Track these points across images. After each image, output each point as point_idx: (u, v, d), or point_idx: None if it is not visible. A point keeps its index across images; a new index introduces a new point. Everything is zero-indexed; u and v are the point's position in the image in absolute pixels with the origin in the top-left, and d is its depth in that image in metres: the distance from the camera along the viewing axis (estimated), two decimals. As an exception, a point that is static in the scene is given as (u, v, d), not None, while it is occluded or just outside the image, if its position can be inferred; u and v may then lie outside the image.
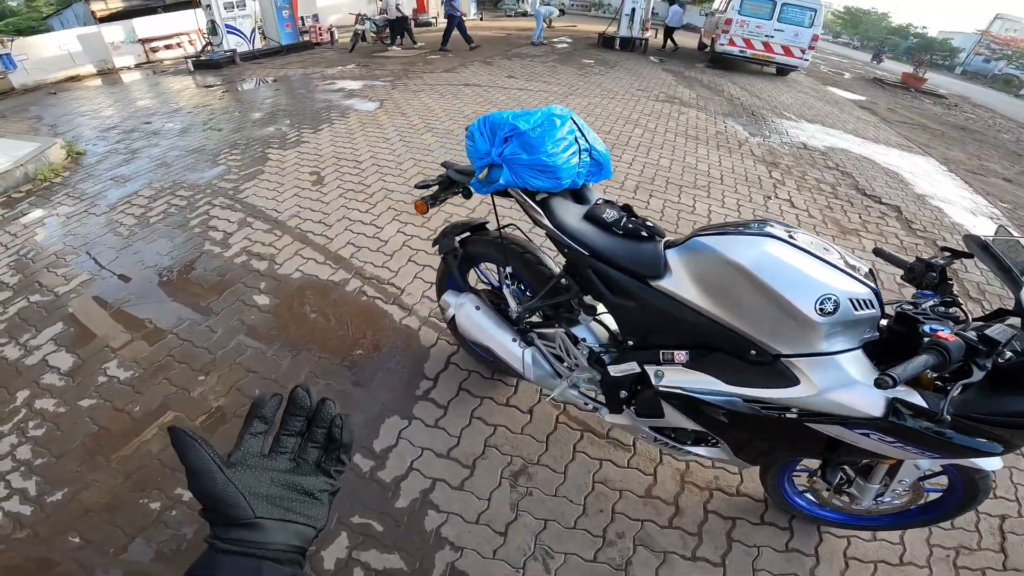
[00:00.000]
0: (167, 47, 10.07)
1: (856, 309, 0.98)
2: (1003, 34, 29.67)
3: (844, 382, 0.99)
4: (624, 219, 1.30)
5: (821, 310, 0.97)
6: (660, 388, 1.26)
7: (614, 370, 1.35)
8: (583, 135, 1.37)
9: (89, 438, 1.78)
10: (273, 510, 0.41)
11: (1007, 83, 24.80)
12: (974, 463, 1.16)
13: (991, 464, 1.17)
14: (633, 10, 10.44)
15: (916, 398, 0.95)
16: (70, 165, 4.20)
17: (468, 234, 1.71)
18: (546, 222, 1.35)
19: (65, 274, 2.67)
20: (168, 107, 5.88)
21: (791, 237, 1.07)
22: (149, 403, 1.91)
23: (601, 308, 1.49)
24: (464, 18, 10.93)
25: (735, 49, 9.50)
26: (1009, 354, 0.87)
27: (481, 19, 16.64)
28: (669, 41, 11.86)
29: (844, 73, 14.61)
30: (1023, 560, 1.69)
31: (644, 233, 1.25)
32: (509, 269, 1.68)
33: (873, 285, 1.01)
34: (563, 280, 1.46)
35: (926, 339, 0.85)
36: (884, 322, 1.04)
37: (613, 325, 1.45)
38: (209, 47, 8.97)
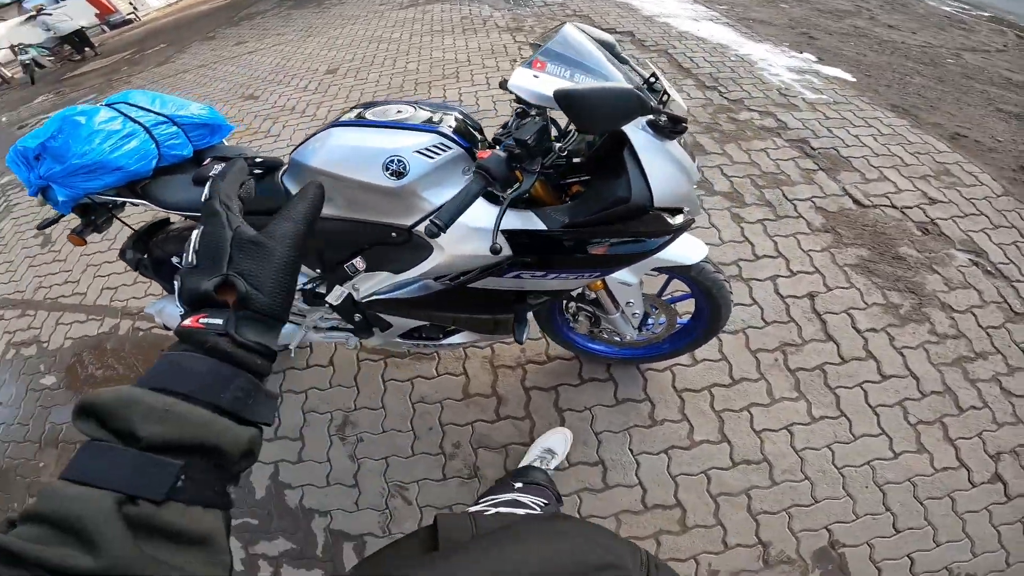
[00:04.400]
0: None
1: (431, 156, 0.96)
2: None
3: (464, 233, 1.00)
4: None
5: (393, 173, 0.96)
6: (362, 300, 1.24)
7: (331, 299, 1.32)
8: (149, 111, 1.33)
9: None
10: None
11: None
12: (673, 259, 1.20)
13: (686, 256, 1.21)
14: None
15: (531, 222, 0.97)
16: None
17: (153, 236, 1.59)
18: (156, 208, 1.32)
19: None
20: None
21: (361, 116, 1.06)
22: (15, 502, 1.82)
23: None
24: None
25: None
26: (560, 148, 0.90)
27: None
28: None
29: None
30: (855, 346, 1.68)
31: (258, 171, 1.21)
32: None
33: (439, 128, 1.00)
34: None
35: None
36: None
37: None
38: None
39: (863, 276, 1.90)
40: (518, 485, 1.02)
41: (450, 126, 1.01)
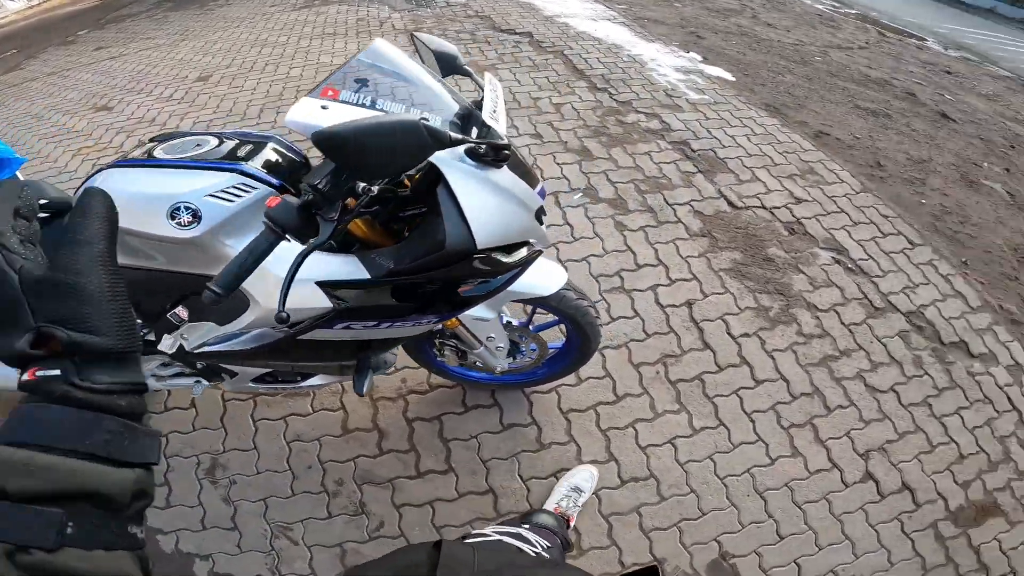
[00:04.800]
0: None
1: (229, 200, 0.85)
2: None
3: (277, 284, 0.88)
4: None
5: (182, 223, 0.85)
6: (194, 352, 1.13)
7: (163, 347, 1.21)
8: None
9: None
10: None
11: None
12: (527, 292, 1.13)
13: (543, 286, 1.14)
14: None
15: (355, 269, 0.87)
16: None
17: None
18: None
19: None
20: None
21: (150, 153, 0.93)
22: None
23: None
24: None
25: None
26: (365, 187, 0.78)
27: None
28: None
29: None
30: (730, 353, 1.67)
31: (44, 214, 1.07)
32: None
33: (242, 166, 0.88)
34: None
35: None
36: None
37: None
38: None
39: (736, 280, 1.92)
40: (526, 526, 1.03)
41: (266, 160, 0.89)
